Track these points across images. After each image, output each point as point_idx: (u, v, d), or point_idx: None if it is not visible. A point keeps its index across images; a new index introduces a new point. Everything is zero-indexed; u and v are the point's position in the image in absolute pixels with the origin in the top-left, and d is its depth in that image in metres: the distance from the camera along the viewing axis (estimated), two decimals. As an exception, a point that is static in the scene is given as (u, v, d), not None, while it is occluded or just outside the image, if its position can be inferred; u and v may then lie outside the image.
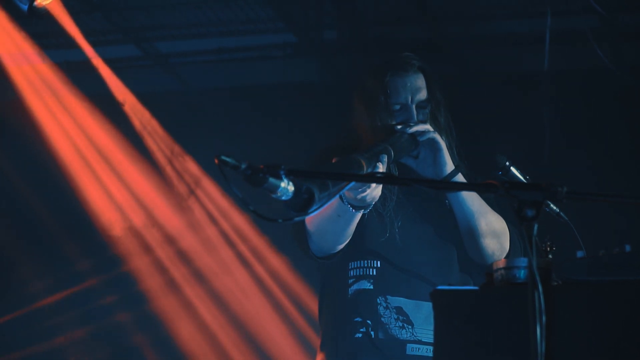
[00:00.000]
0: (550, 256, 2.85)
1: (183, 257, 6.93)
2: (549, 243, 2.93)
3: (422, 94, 4.07)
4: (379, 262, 4.01)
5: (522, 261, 2.66)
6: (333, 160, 3.60)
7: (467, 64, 6.30)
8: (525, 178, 4.00)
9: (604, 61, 5.61)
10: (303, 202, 2.92)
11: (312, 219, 3.92)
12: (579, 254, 2.82)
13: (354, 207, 3.77)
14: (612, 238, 3.19)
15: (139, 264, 6.97)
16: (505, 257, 3.93)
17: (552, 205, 3.94)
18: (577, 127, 6.01)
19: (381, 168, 3.64)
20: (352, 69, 6.57)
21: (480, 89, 6.00)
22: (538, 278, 2.40)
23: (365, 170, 3.51)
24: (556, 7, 5.71)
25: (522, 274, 2.66)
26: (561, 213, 3.96)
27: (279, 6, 6.34)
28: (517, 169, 4.01)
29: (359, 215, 3.86)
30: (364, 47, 6.40)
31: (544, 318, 2.38)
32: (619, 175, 5.81)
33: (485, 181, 2.58)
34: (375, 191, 3.68)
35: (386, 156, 3.69)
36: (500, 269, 2.69)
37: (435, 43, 6.30)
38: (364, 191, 3.64)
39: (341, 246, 4.00)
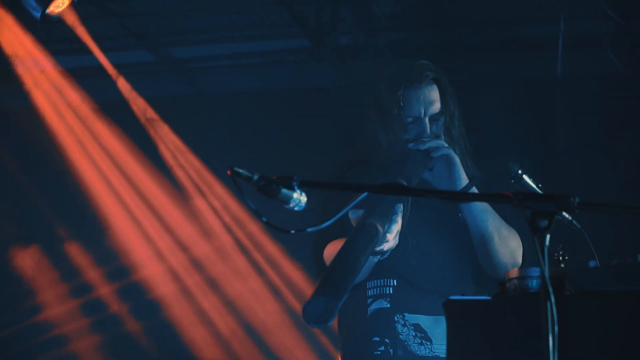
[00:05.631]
0: (562, 266, 2.85)
1: (196, 264, 6.93)
2: (561, 252, 2.93)
3: (436, 107, 4.07)
4: (395, 281, 4.01)
5: (535, 271, 2.66)
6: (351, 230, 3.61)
7: (480, 69, 6.30)
8: (537, 186, 3.99)
9: (618, 66, 5.60)
10: None
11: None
12: (592, 263, 2.82)
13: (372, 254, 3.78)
14: (625, 248, 3.18)
15: (152, 271, 6.97)
16: (517, 269, 3.93)
17: (564, 213, 3.93)
18: (590, 132, 5.99)
19: (399, 219, 3.65)
20: (367, 74, 6.57)
21: (493, 94, 6.00)
22: (550, 288, 2.40)
23: (382, 231, 3.56)
24: (570, 13, 5.71)
25: (534, 283, 2.66)
26: (574, 221, 3.94)
27: (294, 11, 6.35)
28: (529, 176, 4.00)
29: (375, 260, 3.86)
30: (379, 52, 6.41)
31: (556, 328, 2.38)
32: (634, 181, 5.80)
33: (499, 192, 2.60)
34: (392, 241, 3.70)
35: (402, 205, 3.69)
36: (513, 278, 2.69)
37: (450, 48, 6.31)
38: (382, 244, 3.65)
39: (357, 282, 3.98)
